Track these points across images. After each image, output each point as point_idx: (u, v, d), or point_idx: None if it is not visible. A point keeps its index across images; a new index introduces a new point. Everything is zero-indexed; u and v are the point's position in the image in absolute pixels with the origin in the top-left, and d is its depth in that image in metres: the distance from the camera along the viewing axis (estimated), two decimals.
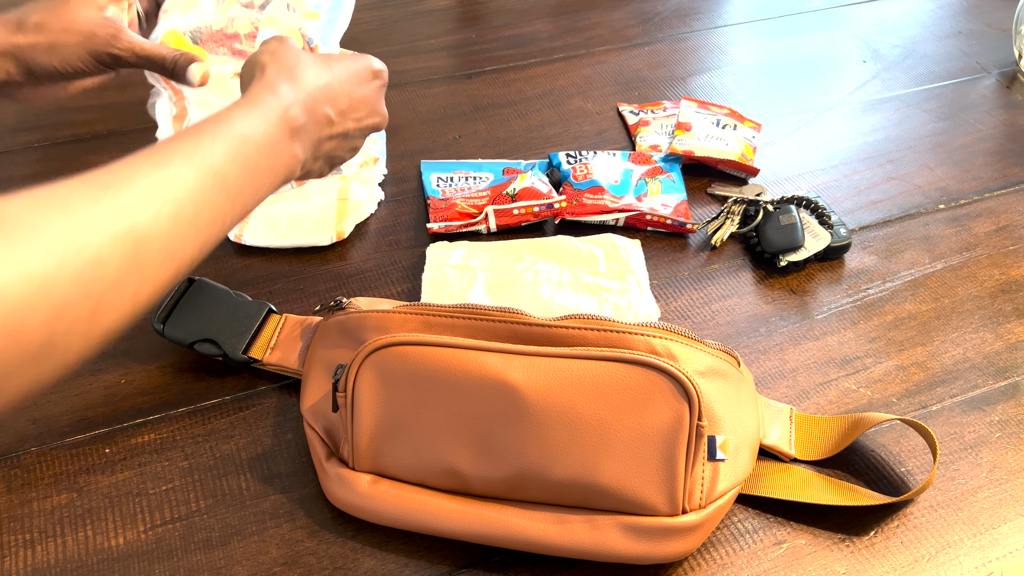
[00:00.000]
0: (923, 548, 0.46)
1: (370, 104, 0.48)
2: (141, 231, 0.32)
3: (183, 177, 0.34)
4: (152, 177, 0.33)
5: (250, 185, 0.39)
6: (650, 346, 0.44)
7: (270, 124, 0.40)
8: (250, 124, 0.39)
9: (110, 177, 0.33)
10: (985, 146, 0.76)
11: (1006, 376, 0.56)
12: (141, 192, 0.33)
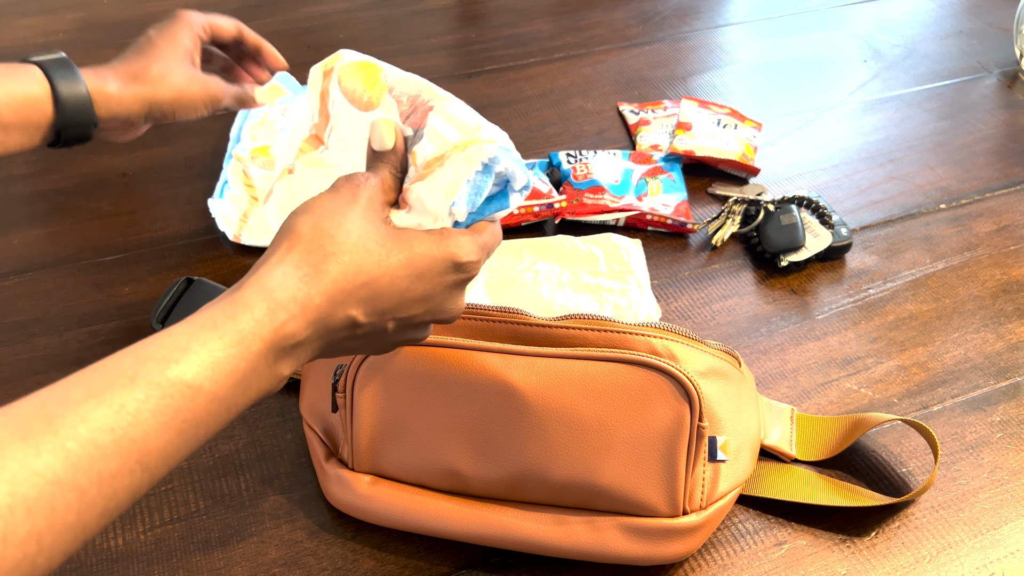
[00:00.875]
0: (924, 549, 0.46)
1: (434, 302, 0.36)
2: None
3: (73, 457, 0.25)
4: (27, 456, 0.25)
5: (184, 447, 0.29)
6: (651, 346, 0.44)
7: (243, 357, 0.30)
8: (203, 365, 0.29)
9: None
10: (986, 146, 0.76)
11: (1007, 376, 0.56)
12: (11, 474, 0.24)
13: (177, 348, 0.29)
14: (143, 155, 0.72)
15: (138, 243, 0.64)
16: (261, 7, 0.92)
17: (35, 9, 0.90)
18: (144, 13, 0.90)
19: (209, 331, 0.30)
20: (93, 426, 0.26)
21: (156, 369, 0.28)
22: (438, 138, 0.38)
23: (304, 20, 0.90)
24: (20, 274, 0.61)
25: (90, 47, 0.85)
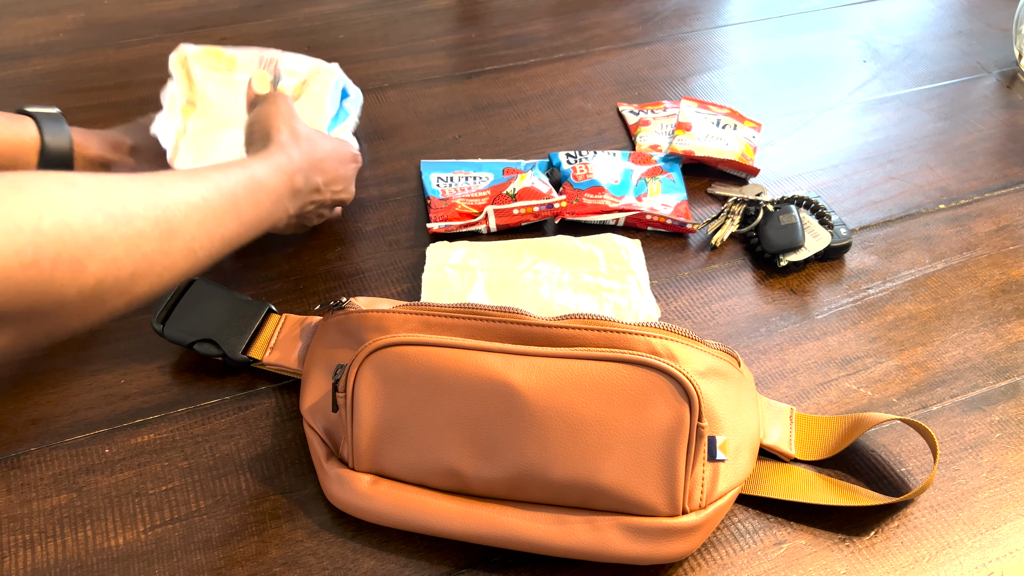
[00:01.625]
0: (923, 548, 0.46)
1: (346, 181, 0.59)
2: (174, 224, 0.39)
3: (209, 194, 0.42)
4: (186, 188, 0.41)
5: (253, 220, 0.46)
6: (650, 346, 0.44)
7: (279, 180, 0.49)
8: (265, 173, 0.48)
9: (156, 180, 0.40)
10: (985, 146, 0.76)
11: (1006, 376, 0.56)
12: (177, 195, 0.40)
13: (245, 164, 0.47)
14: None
15: None
16: (261, 7, 0.92)
17: (36, 9, 0.91)
18: (144, 13, 0.91)
19: (262, 161, 0.49)
20: (225, 184, 0.44)
21: (243, 167, 0.47)
22: (292, 75, 0.64)
23: (304, 20, 0.91)
24: None
25: (91, 47, 0.85)
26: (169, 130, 0.61)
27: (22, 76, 0.81)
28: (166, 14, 0.91)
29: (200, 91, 0.63)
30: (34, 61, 0.83)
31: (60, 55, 0.84)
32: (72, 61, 0.83)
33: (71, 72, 0.81)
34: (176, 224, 0.39)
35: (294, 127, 0.54)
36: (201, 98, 0.63)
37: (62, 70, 0.82)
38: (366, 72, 0.83)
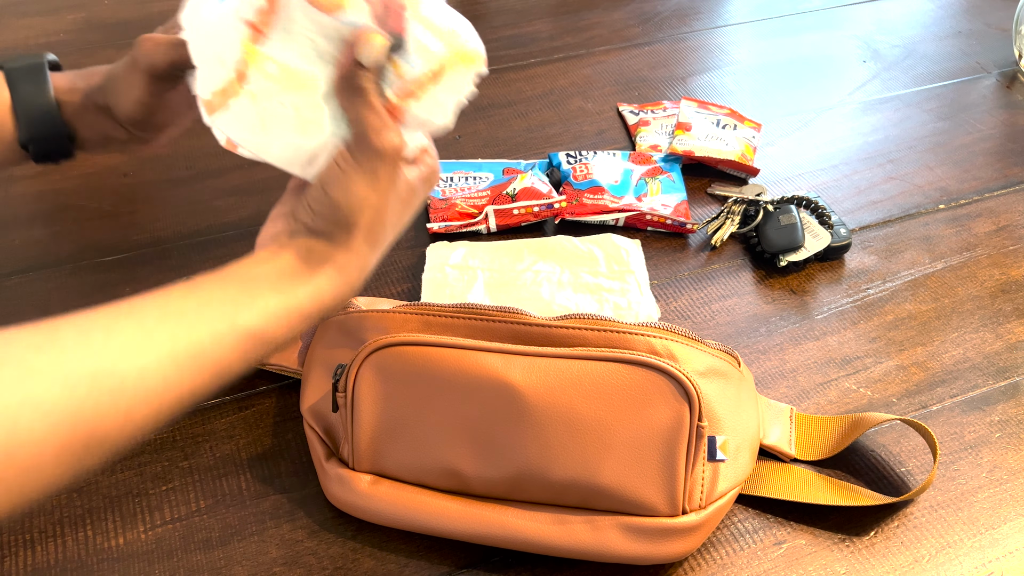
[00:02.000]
0: (923, 548, 0.46)
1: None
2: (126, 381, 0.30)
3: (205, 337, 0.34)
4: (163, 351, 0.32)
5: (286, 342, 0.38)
6: (650, 346, 0.44)
7: (320, 308, 0.38)
8: (309, 306, 0.37)
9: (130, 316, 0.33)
10: (985, 146, 0.76)
11: (1006, 376, 0.56)
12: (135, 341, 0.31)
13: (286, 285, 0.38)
14: (144, 155, 0.72)
15: (139, 243, 0.64)
16: None
17: (36, 10, 0.91)
18: (145, 13, 0.91)
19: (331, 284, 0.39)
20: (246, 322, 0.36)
21: (278, 294, 0.38)
22: (423, 52, 0.38)
23: None
24: (21, 274, 0.61)
25: (91, 47, 0.85)
26: (214, 72, 0.38)
27: None
28: (166, 14, 0.90)
29: (283, 17, 0.36)
30: None
31: (60, 55, 0.83)
32: (73, 61, 0.83)
33: None
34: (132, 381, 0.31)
35: (381, 217, 0.39)
36: (280, 29, 0.37)
37: None
38: None
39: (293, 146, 0.39)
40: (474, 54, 0.39)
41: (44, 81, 0.44)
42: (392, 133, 0.38)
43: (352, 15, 0.37)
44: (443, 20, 0.38)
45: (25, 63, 0.45)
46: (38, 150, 0.45)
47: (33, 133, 0.44)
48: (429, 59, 0.38)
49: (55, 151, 0.46)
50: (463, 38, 0.39)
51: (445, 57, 0.38)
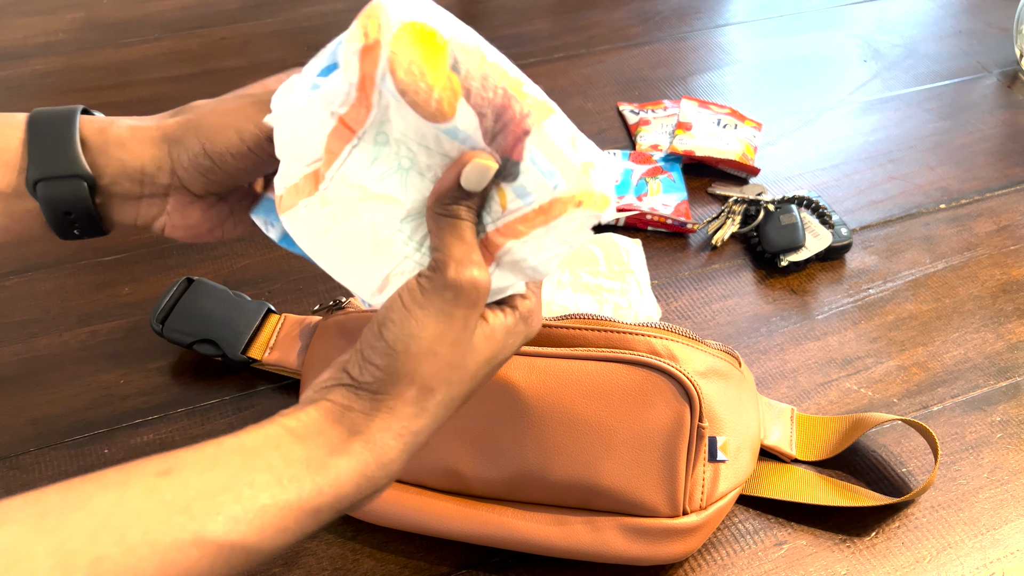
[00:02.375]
0: (924, 549, 0.46)
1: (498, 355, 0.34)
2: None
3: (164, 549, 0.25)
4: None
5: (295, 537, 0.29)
6: (651, 346, 0.44)
7: (370, 486, 0.30)
8: (343, 489, 0.29)
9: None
10: (986, 146, 0.76)
11: (1007, 376, 0.56)
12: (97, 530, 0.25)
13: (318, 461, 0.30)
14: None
15: (138, 243, 0.64)
16: (260, 7, 0.92)
17: (35, 9, 0.90)
18: (144, 13, 0.90)
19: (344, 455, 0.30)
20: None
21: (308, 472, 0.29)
22: (540, 185, 0.30)
23: (304, 20, 0.90)
24: (20, 274, 0.61)
25: (90, 47, 0.85)
26: (292, 166, 0.32)
27: (21, 76, 0.81)
28: (165, 13, 0.91)
29: (376, 116, 0.30)
30: (33, 61, 0.82)
31: (59, 55, 0.84)
32: (71, 61, 0.83)
33: (70, 72, 0.81)
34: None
35: (446, 372, 0.31)
36: (372, 129, 0.31)
37: (61, 70, 0.82)
38: None
39: (363, 266, 0.32)
40: (601, 199, 0.31)
41: (69, 112, 0.35)
42: (476, 269, 0.31)
43: (460, 127, 0.30)
44: (570, 148, 0.31)
45: (52, 112, 0.35)
46: (53, 197, 0.34)
47: (42, 167, 0.34)
48: (544, 194, 0.30)
49: (73, 202, 0.34)
50: (592, 176, 0.31)
51: (565, 196, 0.30)
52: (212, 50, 0.85)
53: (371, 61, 0.29)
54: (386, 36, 0.29)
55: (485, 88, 0.29)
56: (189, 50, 0.85)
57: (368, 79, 0.29)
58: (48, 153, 0.34)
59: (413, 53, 0.29)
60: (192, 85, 0.80)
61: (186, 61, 0.83)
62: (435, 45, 0.29)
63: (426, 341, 0.30)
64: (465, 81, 0.29)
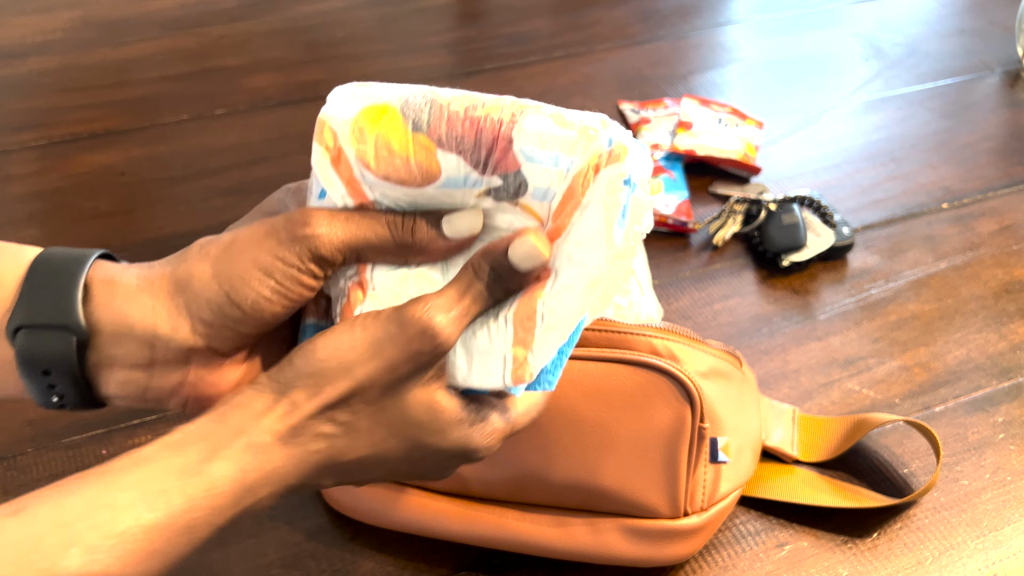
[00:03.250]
0: (926, 550, 0.46)
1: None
2: None
3: None
4: None
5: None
6: (651, 347, 0.43)
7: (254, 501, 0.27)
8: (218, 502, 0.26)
9: None
10: (989, 145, 0.75)
11: (1010, 377, 0.55)
12: None
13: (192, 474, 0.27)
14: (141, 154, 0.72)
15: (136, 243, 0.63)
16: (258, 5, 0.92)
17: (32, 7, 0.90)
18: (142, 12, 0.90)
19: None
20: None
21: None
22: (548, 176, 0.29)
23: (302, 19, 0.90)
24: None
25: (87, 46, 0.85)
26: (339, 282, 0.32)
27: (19, 75, 0.80)
28: (163, 12, 0.90)
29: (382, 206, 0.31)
30: (30, 60, 0.82)
31: (57, 53, 0.83)
32: (69, 60, 0.83)
33: (68, 71, 0.81)
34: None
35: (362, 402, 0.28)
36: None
37: (59, 68, 0.81)
38: (365, 71, 0.82)
39: None
40: (618, 149, 0.28)
41: (77, 252, 0.30)
42: (442, 316, 0.28)
43: (451, 175, 0.29)
44: (560, 128, 0.29)
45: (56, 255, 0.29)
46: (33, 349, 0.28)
47: (33, 305, 0.28)
48: (560, 181, 0.29)
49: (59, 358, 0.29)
50: (598, 136, 0.28)
51: (581, 169, 0.28)
52: (210, 49, 0.85)
53: (345, 167, 0.29)
54: (343, 138, 0.29)
55: (452, 128, 0.29)
56: (187, 49, 0.85)
57: (352, 183, 0.30)
58: (39, 297, 0.28)
59: (373, 138, 0.29)
60: (190, 84, 0.80)
61: (184, 60, 0.83)
62: (388, 119, 0.29)
63: (349, 356, 0.27)
64: (431, 133, 0.29)
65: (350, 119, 0.29)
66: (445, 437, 0.29)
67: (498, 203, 0.30)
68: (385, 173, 0.29)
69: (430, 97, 0.29)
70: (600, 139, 0.29)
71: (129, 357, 0.29)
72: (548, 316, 0.29)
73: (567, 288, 0.29)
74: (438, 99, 0.29)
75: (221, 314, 0.29)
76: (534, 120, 0.29)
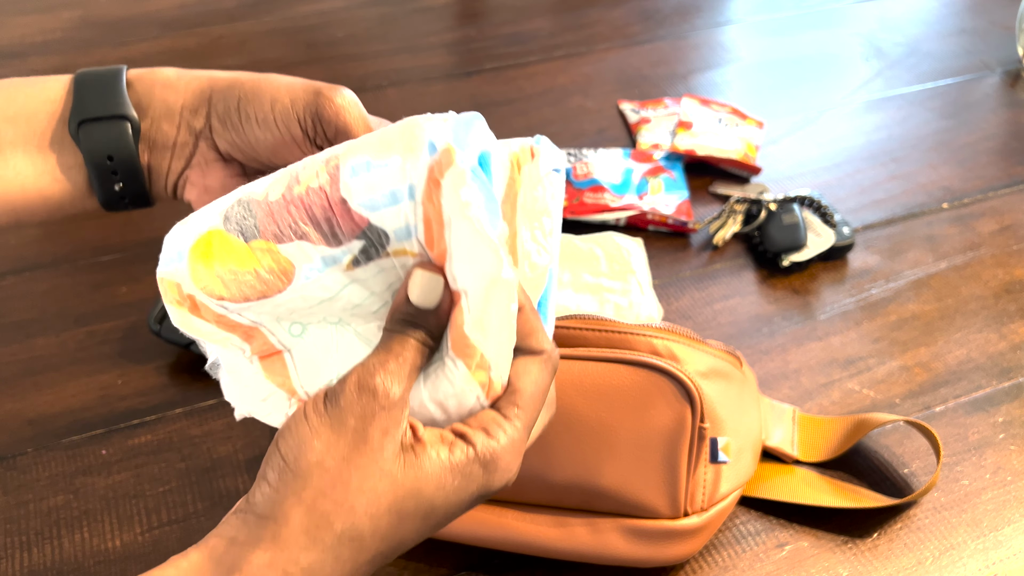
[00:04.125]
0: (926, 550, 0.46)
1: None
2: None
3: None
4: None
5: None
6: (652, 347, 0.43)
7: None
8: None
9: None
10: (989, 145, 0.75)
11: (1010, 376, 0.55)
12: None
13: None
14: None
15: (136, 242, 0.63)
16: (258, 5, 0.92)
17: (32, 7, 0.90)
18: (142, 12, 0.90)
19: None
20: None
21: None
22: (394, 215, 0.26)
23: (302, 18, 0.90)
24: (17, 274, 0.61)
25: (87, 45, 0.85)
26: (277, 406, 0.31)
27: (19, 75, 0.80)
28: (163, 12, 0.90)
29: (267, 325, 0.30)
30: (31, 60, 0.82)
31: (57, 53, 0.83)
32: (69, 59, 0.83)
33: (68, 71, 0.81)
34: None
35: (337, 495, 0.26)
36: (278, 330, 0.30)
37: (59, 68, 0.81)
38: (364, 70, 0.82)
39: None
40: (445, 151, 0.26)
41: (115, 68, 0.35)
42: (384, 376, 0.26)
43: (303, 266, 0.27)
44: (377, 156, 0.26)
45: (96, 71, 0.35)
46: (94, 143, 0.33)
47: (85, 105, 0.33)
48: (408, 213, 0.26)
49: (116, 148, 0.33)
50: (412, 146, 0.26)
51: (423, 191, 0.26)
52: (210, 49, 0.85)
53: (205, 310, 0.28)
54: (188, 287, 0.28)
55: (280, 218, 0.27)
56: (187, 49, 0.85)
57: (222, 320, 0.29)
58: (92, 96, 0.34)
59: (213, 270, 0.27)
60: None
61: (184, 60, 0.83)
62: (218, 243, 0.27)
63: (316, 452, 0.25)
64: (264, 234, 0.27)
65: (184, 264, 0.28)
66: (446, 491, 0.27)
67: (372, 263, 0.27)
68: (242, 295, 0.28)
69: (246, 199, 0.27)
70: (422, 149, 0.26)
71: (163, 139, 0.34)
72: (483, 330, 0.27)
73: (483, 298, 0.27)
74: (254, 197, 0.27)
75: (228, 115, 0.33)
76: (352, 166, 0.26)
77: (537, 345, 0.28)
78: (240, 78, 0.34)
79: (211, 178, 0.35)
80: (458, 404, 0.28)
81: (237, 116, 0.33)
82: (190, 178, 0.36)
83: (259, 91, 0.33)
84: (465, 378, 0.27)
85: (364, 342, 0.29)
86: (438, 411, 0.28)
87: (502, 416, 0.28)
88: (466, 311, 0.27)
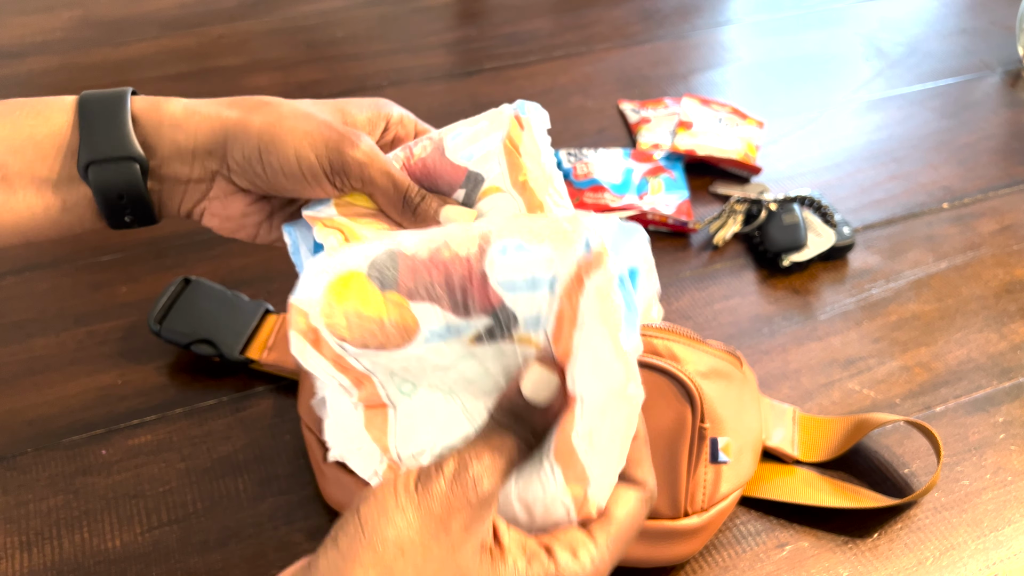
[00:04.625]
0: (927, 550, 0.46)
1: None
2: None
3: None
4: None
5: None
6: (652, 347, 0.43)
7: None
8: None
9: None
10: (989, 144, 0.75)
11: (1010, 376, 0.55)
12: None
13: None
14: None
15: (135, 242, 0.63)
16: (259, 5, 0.92)
17: (32, 7, 0.90)
18: (141, 12, 0.90)
19: None
20: None
21: None
22: (528, 302, 0.26)
23: (302, 18, 0.90)
24: (16, 274, 0.61)
25: (88, 45, 0.85)
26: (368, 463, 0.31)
27: (18, 75, 0.80)
28: (163, 12, 0.90)
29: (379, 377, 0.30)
30: (30, 59, 0.82)
31: (57, 53, 0.83)
32: (69, 59, 0.83)
33: (68, 71, 0.81)
34: None
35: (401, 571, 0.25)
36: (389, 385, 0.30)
37: (59, 68, 0.81)
38: (364, 70, 0.82)
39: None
40: (597, 251, 0.25)
41: (119, 92, 0.35)
42: (478, 465, 0.26)
43: (431, 328, 0.27)
44: (532, 242, 0.25)
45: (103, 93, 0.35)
46: (103, 180, 0.33)
47: (94, 145, 0.33)
48: (548, 303, 0.26)
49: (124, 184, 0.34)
50: (566, 239, 0.25)
51: (571, 279, 0.25)
52: (210, 48, 0.85)
53: (326, 347, 0.28)
54: (315, 319, 0.27)
55: (419, 276, 0.26)
56: (187, 48, 0.85)
57: (338, 360, 0.28)
58: (99, 135, 0.33)
59: (342, 308, 0.27)
60: (190, 84, 0.80)
61: (184, 60, 0.83)
62: (356, 285, 0.27)
63: (396, 528, 0.25)
64: (400, 287, 0.27)
65: (319, 296, 0.27)
66: None
67: (494, 343, 0.27)
68: (362, 341, 0.27)
69: (394, 249, 0.27)
70: (576, 244, 0.25)
71: (175, 175, 0.35)
72: (591, 443, 0.26)
73: (599, 410, 0.26)
74: (402, 249, 0.27)
75: (248, 164, 0.34)
76: (503, 244, 0.26)
77: (642, 477, 0.27)
78: (253, 123, 0.34)
79: (232, 208, 0.37)
80: (545, 511, 0.27)
81: (260, 166, 0.34)
82: (209, 208, 0.37)
83: (278, 141, 0.34)
84: (560, 487, 0.26)
85: (468, 419, 0.29)
86: (523, 512, 0.27)
87: (592, 541, 0.26)
88: (578, 418, 0.26)
